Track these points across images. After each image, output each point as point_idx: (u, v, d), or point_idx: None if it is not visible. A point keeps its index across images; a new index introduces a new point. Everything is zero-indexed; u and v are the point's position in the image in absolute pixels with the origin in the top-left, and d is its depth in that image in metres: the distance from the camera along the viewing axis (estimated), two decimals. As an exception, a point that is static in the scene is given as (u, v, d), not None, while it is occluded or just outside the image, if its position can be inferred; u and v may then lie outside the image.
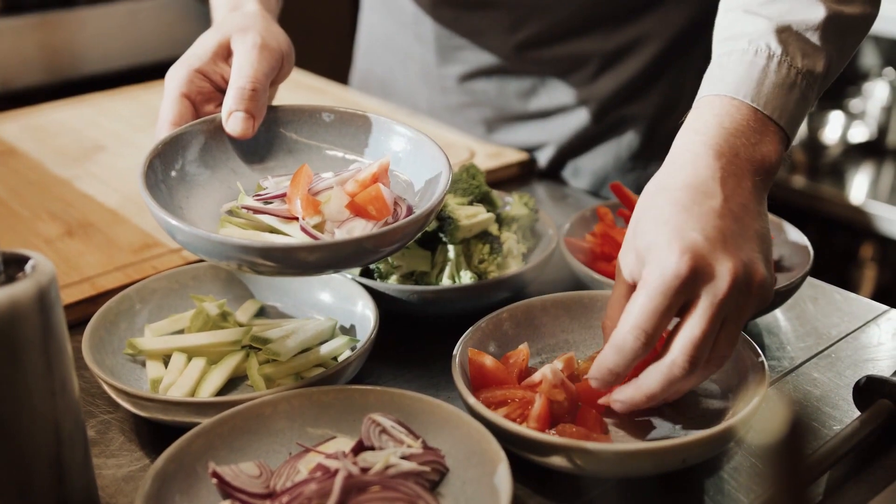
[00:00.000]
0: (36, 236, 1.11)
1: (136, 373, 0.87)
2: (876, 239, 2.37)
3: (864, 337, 0.95)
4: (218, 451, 0.72)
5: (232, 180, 0.90)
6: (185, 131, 0.87)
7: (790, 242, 1.01)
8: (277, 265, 0.76)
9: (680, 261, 0.71)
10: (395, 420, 0.74)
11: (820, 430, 0.81)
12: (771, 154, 0.80)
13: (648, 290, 0.72)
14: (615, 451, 0.70)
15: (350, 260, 0.78)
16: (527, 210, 1.05)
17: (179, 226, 0.76)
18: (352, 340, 0.89)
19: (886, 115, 2.50)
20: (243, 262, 0.76)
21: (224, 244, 0.75)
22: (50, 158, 1.33)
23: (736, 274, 0.72)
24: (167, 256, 1.06)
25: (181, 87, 0.89)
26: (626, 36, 1.30)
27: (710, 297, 0.72)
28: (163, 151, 0.85)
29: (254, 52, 0.88)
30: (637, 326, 0.72)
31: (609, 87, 1.32)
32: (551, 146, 1.37)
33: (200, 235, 0.75)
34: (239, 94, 0.87)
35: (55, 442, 0.66)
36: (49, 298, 0.63)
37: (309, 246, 0.76)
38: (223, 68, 0.90)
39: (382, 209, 0.83)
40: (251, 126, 0.88)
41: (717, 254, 0.72)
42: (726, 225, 0.74)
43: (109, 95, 1.59)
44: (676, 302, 0.72)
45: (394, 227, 0.77)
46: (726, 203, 0.75)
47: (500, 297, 0.93)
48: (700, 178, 0.77)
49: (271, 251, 0.74)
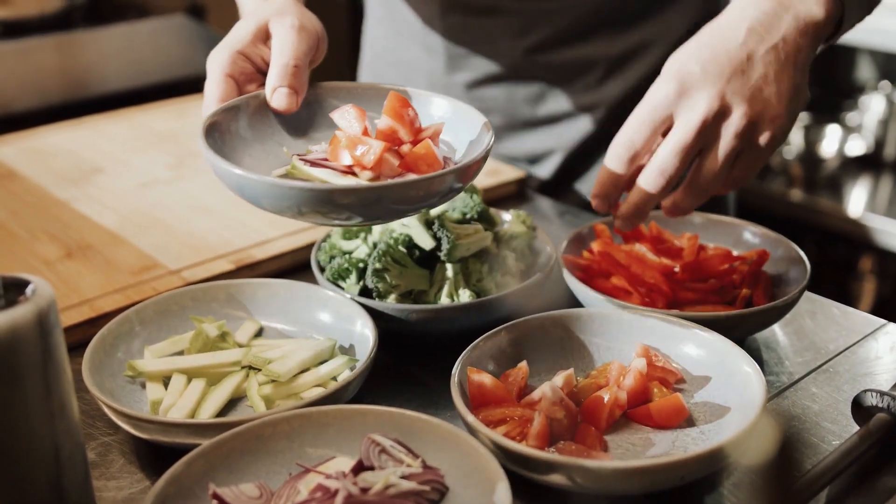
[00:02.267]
0: (35, 258, 1.11)
1: (136, 394, 0.87)
2: (874, 251, 2.37)
3: (862, 351, 0.95)
4: (218, 472, 0.72)
5: (278, 152, 0.92)
6: (235, 103, 0.91)
7: (787, 257, 1.01)
8: (348, 209, 0.79)
9: (667, 85, 0.85)
10: (395, 439, 0.74)
11: (819, 444, 0.81)
12: (815, 9, 0.86)
13: (638, 109, 0.86)
14: (614, 469, 0.70)
15: (413, 202, 0.81)
16: (524, 228, 1.05)
17: (251, 176, 0.79)
18: (351, 360, 0.89)
19: (883, 129, 2.51)
20: (317, 208, 0.79)
21: (303, 189, 0.77)
22: (48, 181, 1.33)
23: (715, 104, 0.82)
24: (166, 278, 1.06)
25: (225, 68, 0.92)
26: (631, 41, 1.33)
27: (685, 118, 0.83)
28: (219, 120, 0.89)
29: (292, 32, 0.92)
30: (626, 137, 0.86)
31: (616, 91, 1.35)
32: (559, 152, 1.40)
33: (272, 182, 0.78)
34: (282, 70, 0.90)
35: (55, 464, 0.66)
36: (49, 322, 0.63)
37: (379, 186, 0.79)
38: (263, 50, 0.94)
39: (434, 164, 0.86)
40: (295, 101, 0.91)
41: (707, 86, 0.83)
42: (735, 65, 0.84)
43: (107, 118, 1.59)
44: (659, 117, 0.85)
45: (449, 171, 0.81)
46: (744, 45, 0.84)
47: (498, 316, 0.93)
48: (731, 20, 0.87)
49: (348, 192, 0.78)
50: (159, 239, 1.15)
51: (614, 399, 0.81)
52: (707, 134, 0.84)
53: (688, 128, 0.83)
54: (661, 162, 0.83)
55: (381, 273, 0.94)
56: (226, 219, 1.20)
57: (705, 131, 0.83)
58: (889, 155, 2.52)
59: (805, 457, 0.80)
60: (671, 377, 0.85)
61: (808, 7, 0.86)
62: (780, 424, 0.43)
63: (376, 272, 0.94)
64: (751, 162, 0.87)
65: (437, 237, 0.95)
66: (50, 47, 1.90)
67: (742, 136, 0.84)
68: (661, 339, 0.88)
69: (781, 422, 0.42)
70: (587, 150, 1.39)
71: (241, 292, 0.98)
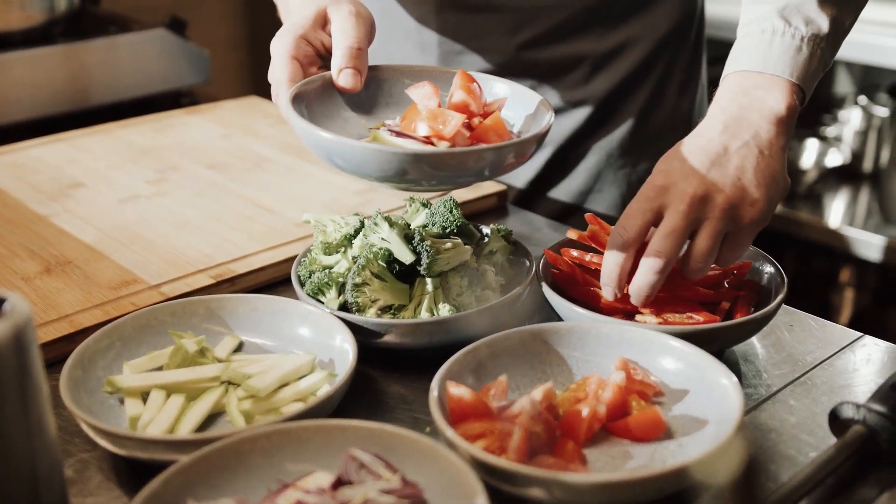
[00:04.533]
0: (13, 274, 1.11)
1: (115, 410, 0.87)
2: (853, 262, 2.39)
3: (839, 363, 0.96)
4: (197, 488, 0.72)
5: (346, 128, 1.00)
6: (309, 81, 0.98)
7: (765, 270, 1.02)
8: (441, 171, 0.87)
9: (655, 179, 0.93)
10: (374, 454, 0.74)
11: (796, 456, 0.82)
12: (779, 103, 0.95)
13: (631, 202, 0.93)
14: (593, 483, 0.70)
15: (493, 167, 0.89)
16: (503, 242, 1.06)
17: (349, 141, 0.87)
18: (330, 375, 0.89)
19: (861, 141, 2.52)
20: (413, 174, 0.86)
21: (398, 153, 0.85)
22: (27, 196, 1.33)
23: (700, 190, 0.90)
24: (146, 293, 1.06)
25: (290, 51, 0.98)
26: (617, 38, 1.38)
27: (674, 207, 0.90)
28: (301, 92, 0.96)
29: (351, 18, 0.99)
30: (620, 227, 0.92)
31: (603, 87, 1.40)
32: (549, 147, 1.43)
33: (369, 147, 0.86)
34: (347, 52, 0.97)
35: (32, 482, 0.65)
36: (25, 339, 0.63)
37: (474, 151, 0.87)
38: (322, 35, 1.01)
39: (503, 134, 0.94)
40: (359, 81, 0.99)
41: (690, 177, 0.91)
42: (712, 158, 0.92)
43: (87, 132, 1.59)
44: (648, 207, 0.91)
45: (525, 139, 0.90)
46: (720, 142, 0.93)
47: (478, 330, 0.93)
48: (706, 125, 0.96)
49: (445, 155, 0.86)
50: (139, 254, 1.15)
51: (593, 412, 0.81)
52: (694, 217, 0.91)
53: (677, 212, 0.90)
54: (656, 244, 0.90)
55: (361, 287, 0.94)
56: (206, 233, 1.20)
57: (692, 214, 0.90)
58: (867, 167, 2.54)
59: (782, 469, 0.80)
60: (650, 390, 0.86)
61: (770, 105, 0.95)
62: (758, 437, 0.44)
63: (356, 287, 0.94)
64: (736, 243, 0.94)
65: (416, 251, 0.95)
66: (30, 62, 1.89)
67: (725, 218, 0.91)
68: (639, 353, 0.89)
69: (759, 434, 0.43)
70: (576, 144, 1.43)
71: (220, 307, 0.98)
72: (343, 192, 1.33)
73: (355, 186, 1.35)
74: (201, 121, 1.65)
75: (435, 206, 1.03)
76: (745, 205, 0.92)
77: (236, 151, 1.50)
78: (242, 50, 3.17)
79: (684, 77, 1.45)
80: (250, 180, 1.38)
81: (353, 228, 1.03)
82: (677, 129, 1.44)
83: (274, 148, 1.51)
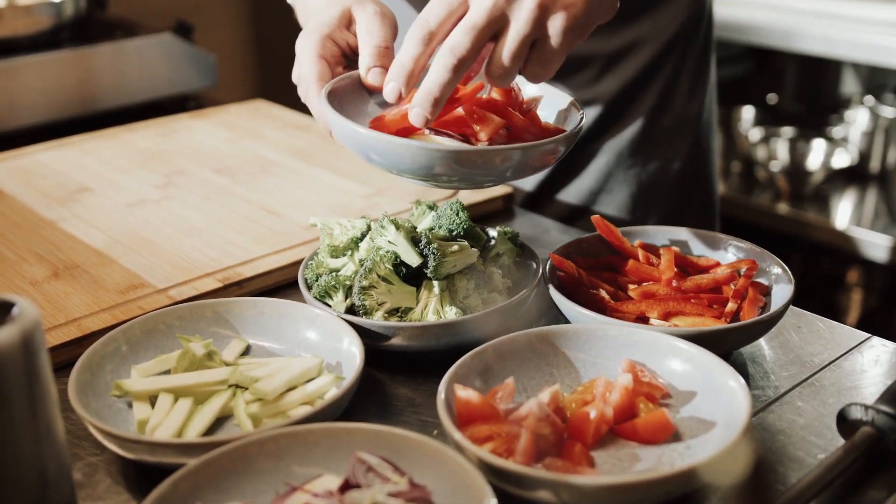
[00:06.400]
0: (22, 279, 1.11)
1: (123, 414, 0.87)
2: (861, 264, 2.38)
3: (847, 364, 0.96)
4: (205, 492, 0.72)
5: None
6: (341, 79, 0.98)
7: (772, 271, 1.02)
8: (475, 168, 0.87)
9: None
10: (382, 457, 0.74)
11: (804, 458, 0.82)
12: None
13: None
14: (601, 485, 0.70)
15: (534, 163, 0.89)
16: (510, 244, 1.06)
17: (389, 138, 0.86)
18: (338, 378, 0.89)
19: (868, 141, 2.52)
20: (451, 171, 0.86)
21: (435, 150, 0.85)
22: (35, 200, 1.33)
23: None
24: (153, 297, 1.06)
25: (317, 50, 0.98)
26: (626, 38, 1.39)
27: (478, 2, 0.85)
28: (333, 89, 0.96)
29: (377, 18, 0.99)
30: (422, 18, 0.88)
31: (612, 87, 1.40)
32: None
33: (405, 143, 0.86)
34: (375, 51, 0.97)
35: (41, 486, 0.66)
36: (34, 343, 0.64)
37: (518, 147, 0.86)
38: (347, 35, 1.01)
39: (539, 133, 0.94)
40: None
41: None
42: None
43: (94, 137, 1.60)
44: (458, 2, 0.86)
45: (562, 136, 0.90)
46: None
47: (485, 332, 0.93)
48: None
49: (478, 154, 0.86)
50: (146, 258, 1.15)
51: (601, 415, 0.81)
52: (498, 16, 0.86)
53: (480, 8, 0.85)
54: (453, 40, 0.86)
55: (368, 290, 0.94)
56: (213, 237, 1.20)
57: (496, 12, 0.85)
58: (874, 168, 2.54)
59: (791, 470, 0.80)
60: (657, 392, 0.86)
61: None
62: (766, 439, 0.43)
63: (363, 290, 0.94)
64: (545, 53, 0.89)
65: (423, 254, 0.95)
66: (37, 67, 1.90)
67: (534, 22, 0.86)
68: (646, 355, 0.89)
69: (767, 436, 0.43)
70: (585, 144, 1.43)
71: (228, 311, 0.98)
72: (349, 196, 1.33)
73: (362, 190, 1.35)
74: (208, 125, 1.65)
75: (441, 209, 1.03)
76: (557, 7, 0.86)
77: (243, 155, 1.50)
78: (249, 54, 3.18)
79: (693, 77, 1.45)
80: (257, 184, 1.38)
81: (359, 231, 1.03)
82: (686, 129, 1.44)
83: (280, 151, 1.51)
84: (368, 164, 0.91)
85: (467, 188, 0.92)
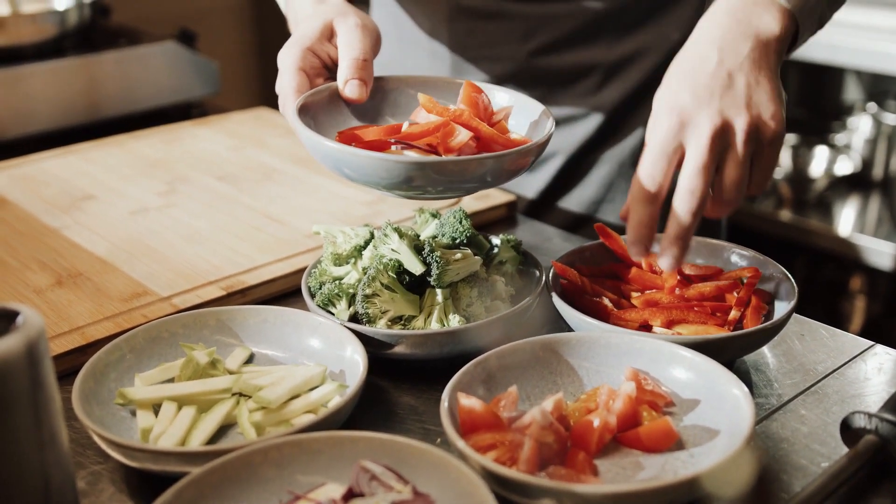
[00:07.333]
0: (25, 287, 1.11)
1: (127, 422, 0.87)
2: (864, 271, 2.38)
3: (850, 372, 0.96)
4: (208, 500, 0.72)
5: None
6: (316, 92, 0.99)
7: (775, 279, 1.02)
8: (445, 177, 0.88)
9: (667, 120, 0.87)
10: (385, 466, 0.74)
11: (808, 466, 0.82)
12: (772, 24, 0.92)
13: (648, 148, 0.88)
14: (605, 493, 0.70)
15: (496, 174, 0.91)
16: (513, 252, 1.06)
17: (357, 151, 0.88)
18: (341, 386, 0.89)
19: (871, 148, 2.52)
20: (415, 181, 0.88)
21: (401, 162, 0.86)
22: (39, 208, 1.34)
23: (717, 120, 0.86)
24: (157, 305, 1.06)
25: (297, 62, 0.99)
26: (628, 47, 1.39)
27: (695, 142, 0.86)
28: (307, 103, 0.97)
29: (357, 30, 1.00)
30: (646, 174, 0.86)
31: (614, 96, 1.41)
32: (560, 155, 1.44)
33: (379, 157, 0.87)
34: (353, 63, 0.99)
35: (45, 494, 0.66)
36: (38, 352, 0.64)
37: (483, 157, 0.88)
38: (328, 47, 1.02)
39: (507, 143, 0.95)
40: (365, 91, 1.00)
41: (705, 108, 0.87)
42: (720, 83, 0.88)
43: (98, 145, 1.60)
44: (670, 149, 0.86)
45: (528, 147, 0.91)
46: (721, 65, 0.89)
47: (488, 340, 0.93)
48: (699, 46, 0.92)
49: (446, 164, 0.87)
50: (150, 266, 1.15)
51: (604, 423, 0.81)
52: (718, 149, 0.87)
53: (700, 148, 0.86)
54: (688, 183, 0.86)
55: (371, 298, 0.94)
56: (216, 245, 1.20)
57: (716, 147, 0.86)
58: (877, 175, 2.54)
59: (794, 479, 0.80)
60: (660, 400, 0.86)
61: (765, 22, 0.92)
62: (769, 447, 0.44)
63: (366, 298, 0.94)
64: (765, 163, 0.90)
65: (426, 262, 0.95)
66: (42, 74, 1.90)
67: (750, 140, 0.87)
68: (650, 363, 0.89)
69: (770, 445, 0.43)
70: (587, 153, 1.44)
71: (231, 319, 0.98)
72: (352, 203, 1.33)
73: (365, 197, 1.35)
74: (211, 132, 1.65)
75: (445, 217, 1.03)
76: (765, 121, 0.88)
77: (246, 163, 1.50)
78: (252, 61, 3.19)
79: None
80: (260, 192, 1.38)
81: (362, 239, 1.03)
82: None
83: (283, 159, 1.51)
84: (342, 178, 0.93)
85: (439, 197, 0.94)
